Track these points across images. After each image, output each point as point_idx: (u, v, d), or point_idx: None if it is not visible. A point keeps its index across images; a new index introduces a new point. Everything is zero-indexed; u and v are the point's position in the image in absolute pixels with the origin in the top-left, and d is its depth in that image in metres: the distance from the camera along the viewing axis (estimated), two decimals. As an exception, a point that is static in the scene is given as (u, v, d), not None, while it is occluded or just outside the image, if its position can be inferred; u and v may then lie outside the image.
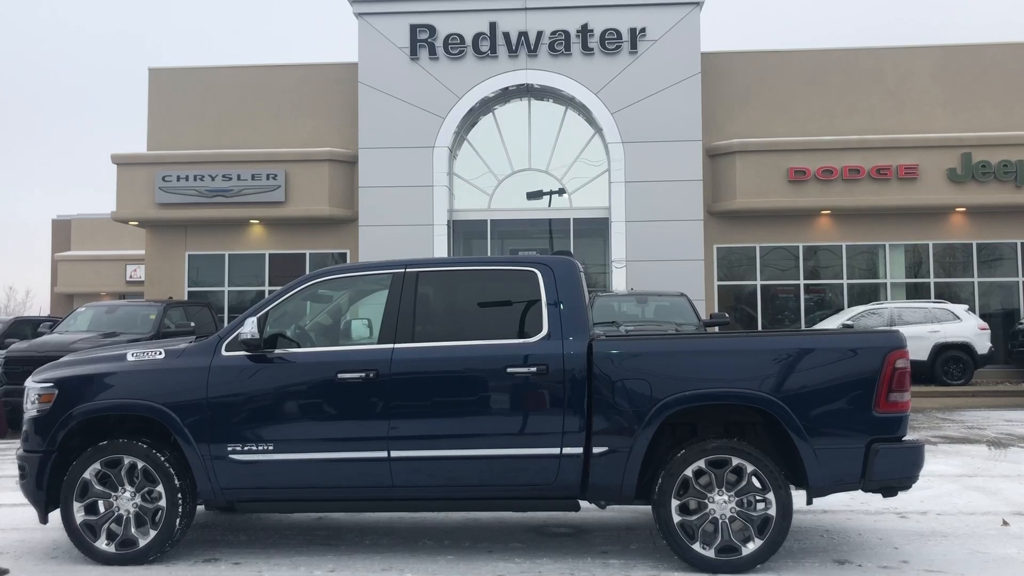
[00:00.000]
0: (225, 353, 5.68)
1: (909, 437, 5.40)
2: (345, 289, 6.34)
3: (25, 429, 5.81)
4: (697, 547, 5.27)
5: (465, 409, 5.50)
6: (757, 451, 5.31)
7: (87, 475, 5.58)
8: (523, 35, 20.25)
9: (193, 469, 5.58)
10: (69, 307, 30.97)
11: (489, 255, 19.89)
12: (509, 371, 5.45)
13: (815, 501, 5.63)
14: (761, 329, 19.96)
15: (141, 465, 5.57)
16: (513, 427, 5.46)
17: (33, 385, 5.83)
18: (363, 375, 5.50)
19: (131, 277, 32.70)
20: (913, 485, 5.44)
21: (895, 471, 5.30)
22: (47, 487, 5.63)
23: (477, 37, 20.30)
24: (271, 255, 21.45)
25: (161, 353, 5.80)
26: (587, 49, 20.14)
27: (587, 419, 5.38)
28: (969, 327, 17.86)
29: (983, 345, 17.79)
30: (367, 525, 6.67)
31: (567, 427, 5.38)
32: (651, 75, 19.94)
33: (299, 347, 5.77)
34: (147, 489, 5.58)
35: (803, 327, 20.10)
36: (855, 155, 19.78)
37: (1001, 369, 19.49)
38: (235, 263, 21.59)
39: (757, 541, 5.25)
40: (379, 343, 5.65)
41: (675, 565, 5.41)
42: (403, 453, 5.46)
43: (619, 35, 20.10)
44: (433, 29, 20.36)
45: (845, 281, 20.75)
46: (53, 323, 17.04)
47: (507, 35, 20.27)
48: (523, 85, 20.44)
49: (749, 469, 5.27)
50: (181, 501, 5.55)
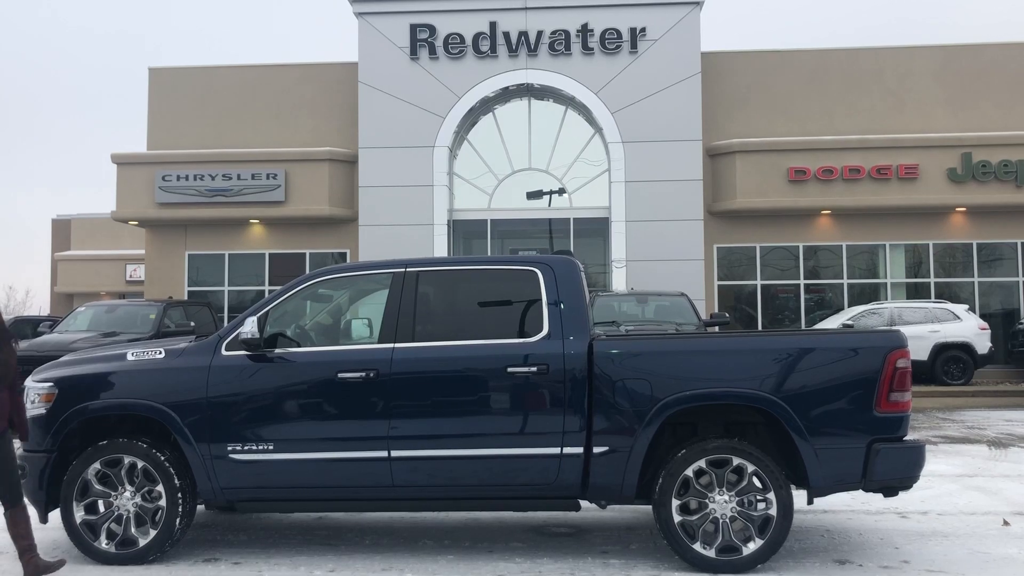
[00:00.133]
0: (225, 353, 5.68)
1: (910, 437, 5.40)
2: (345, 289, 6.33)
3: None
4: (698, 547, 5.27)
5: (465, 409, 5.50)
6: (758, 451, 5.31)
7: (87, 475, 5.58)
8: (523, 35, 20.25)
9: (193, 469, 5.58)
10: (69, 307, 30.95)
11: (489, 255, 19.87)
12: (509, 371, 5.44)
13: (816, 501, 5.63)
14: (761, 329, 19.95)
15: (141, 465, 5.56)
16: (513, 427, 5.45)
17: (33, 385, 5.83)
18: (363, 375, 5.49)
19: (131, 277, 32.68)
20: (914, 485, 5.44)
21: (896, 471, 5.29)
22: (47, 487, 5.63)
23: (477, 37, 20.29)
24: (271, 255, 21.44)
25: (161, 353, 5.79)
26: (587, 49, 20.13)
27: (587, 419, 5.38)
28: (969, 327, 17.85)
29: (983, 345, 17.78)
30: (367, 525, 6.67)
31: (567, 427, 5.38)
32: (651, 75, 19.93)
33: (299, 347, 5.76)
34: (147, 489, 5.58)
35: (803, 327, 20.10)
36: (855, 155, 19.77)
37: (1001, 369, 19.49)
38: (235, 263, 21.59)
39: (758, 541, 5.25)
40: (379, 343, 5.64)
41: (676, 565, 5.40)
42: (403, 453, 5.46)
43: (619, 35, 20.09)
44: (433, 29, 20.35)
45: (845, 281, 20.74)
46: (53, 323, 17.04)
47: (507, 35, 20.26)
48: (523, 85, 20.44)
49: (750, 469, 5.27)
50: (181, 501, 5.55)
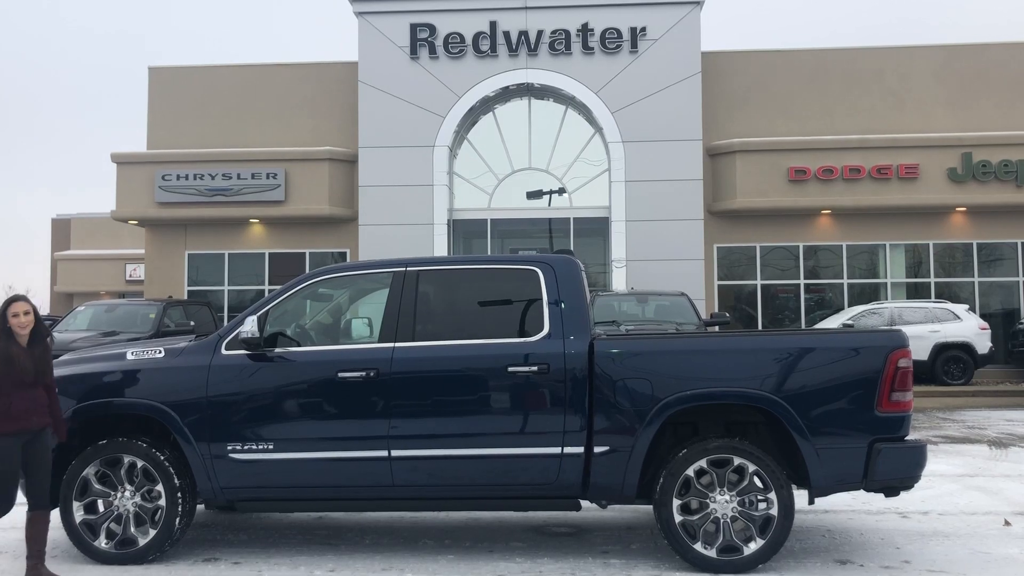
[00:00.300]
0: (225, 352, 5.66)
1: (911, 437, 5.38)
2: (345, 288, 6.32)
3: (24, 428, 5.78)
4: (699, 547, 5.26)
5: (466, 408, 5.48)
6: (759, 451, 5.30)
7: (87, 474, 5.57)
8: (523, 34, 20.23)
9: (193, 468, 5.57)
10: (69, 306, 30.94)
11: (489, 254, 19.84)
12: (510, 370, 5.43)
13: (816, 501, 5.61)
14: (761, 329, 19.93)
15: (141, 464, 5.55)
16: (514, 426, 5.44)
17: (32, 384, 5.80)
18: (364, 374, 5.48)
19: (131, 276, 32.68)
20: (915, 485, 5.43)
21: (897, 471, 5.28)
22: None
23: (477, 36, 20.27)
24: (271, 254, 21.42)
25: (161, 352, 5.78)
26: (587, 48, 20.11)
27: (588, 418, 5.37)
28: (969, 327, 17.83)
29: (983, 345, 17.76)
30: (367, 525, 6.65)
31: (568, 426, 5.37)
32: (651, 74, 19.91)
33: (299, 346, 5.75)
34: (147, 488, 5.57)
35: (803, 327, 20.08)
36: (855, 155, 19.76)
37: (1001, 369, 19.48)
38: (235, 262, 21.57)
39: (759, 541, 5.23)
40: (380, 342, 5.63)
41: (676, 565, 5.39)
42: (404, 452, 5.44)
43: (619, 34, 20.07)
44: (433, 28, 20.33)
45: (845, 281, 20.73)
46: (53, 322, 17.00)
47: (507, 34, 20.24)
48: (523, 84, 20.42)
49: (751, 469, 5.26)
50: (181, 500, 5.53)
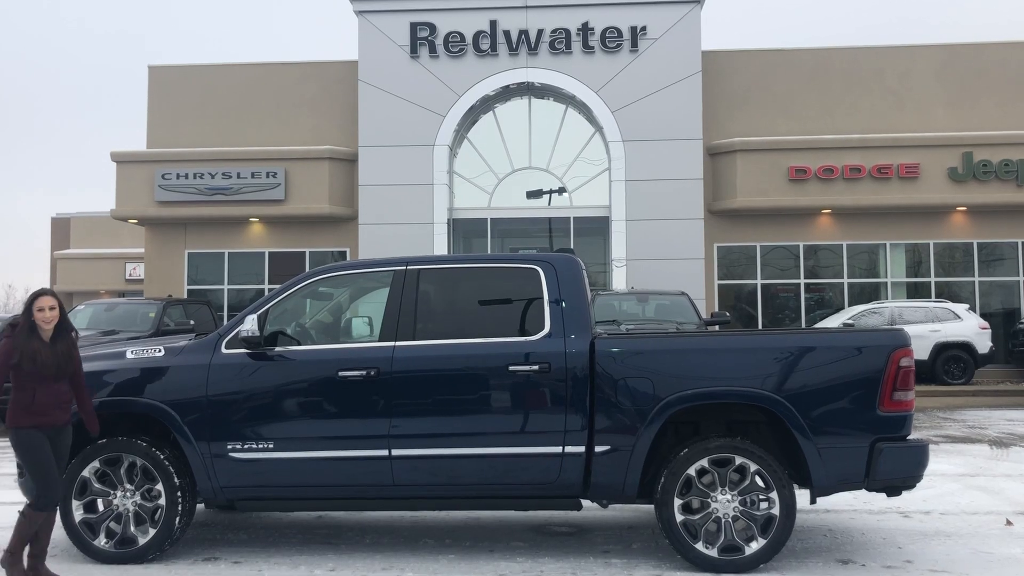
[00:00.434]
0: (225, 351, 5.65)
1: (913, 436, 5.37)
2: (346, 286, 6.30)
3: (24, 427, 5.76)
4: (700, 546, 5.24)
5: (467, 407, 5.47)
6: (760, 450, 5.28)
7: (86, 473, 5.55)
8: (523, 33, 20.21)
9: (193, 467, 5.55)
10: (68, 305, 30.89)
11: (490, 253, 19.83)
12: (511, 369, 5.41)
13: (817, 500, 5.59)
14: (762, 328, 19.91)
15: (140, 463, 5.54)
16: (515, 425, 5.42)
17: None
18: (364, 373, 5.46)
19: (130, 275, 32.66)
20: (917, 485, 5.41)
21: (899, 470, 5.26)
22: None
23: (477, 35, 20.25)
24: (271, 253, 21.40)
25: (160, 350, 5.76)
26: (588, 47, 20.09)
27: (589, 417, 5.35)
28: (970, 326, 17.82)
29: (984, 344, 17.75)
30: (368, 524, 6.64)
31: (569, 425, 5.35)
32: (652, 74, 19.89)
33: (299, 345, 5.73)
34: (146, 487, 5.55)
35: (803, 326, 20.06)
36: (856, 154, 19.74)
37: (1002, 368, 19.47)
38: (235, 261, 21.55)
39: (760, 540, 5.22)
40: (380, 341, 5.61)
41: (678, 564, 5.38)
42: (404, 451, 5.43)
43: (620, 33, 20.05)
44: (433, 27, 20.31)
45: (846, 280, 20.71)
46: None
47: (507, 33, 20.22)
48: (523, 83, 20.39)
49: (752, 468, 5.24)
50: (181, 499, 5.52)
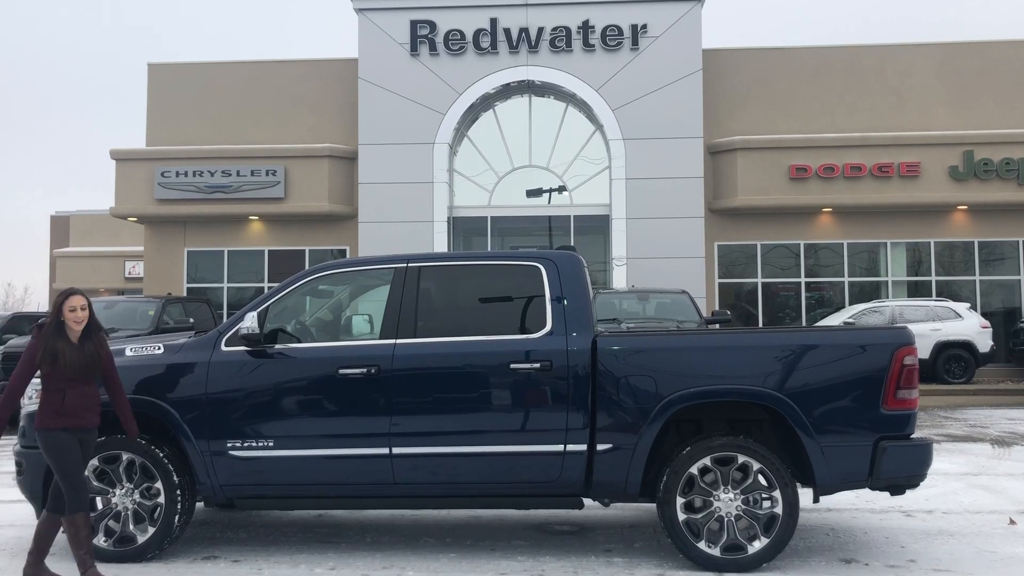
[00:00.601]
0: (225, 348, 5.62)
1: (916, 435, 5.34)
2: (346, 284, 6.27)
3: (22, 425, 5.74)
4: (702, 545, 5.21)
5: (467, 405, 5.44)
6: (763, 448, 5.25)
7: (84, 472, 5.50)
8: (524, 31, 20.17)
9: (192, 465, 5.52)
10: (67, 303, 30.80)
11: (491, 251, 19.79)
12: (512, 367, 5.38)
13: (820, 499, 5.56)
14: (763, 327, 19.88)
15: (140, 461, 5.51)
16: (516, 424, 5.39)
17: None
18: (364, 370, 5.43)
19: (130, 273, 32.63)
20: (921, 483, 5.39)
21: (903, 469, 5.24)
22: (44, 483, 5.55)
23: (478, 33, 20.21)
24: (270, 251, 21.36)
25: (160, 348, 5.73)
26: (588, 45, 20.05)
27: (591, 416, 5.32)
28: (971, 325, 17.78)
29: (985, 343, 17.72)
30: (368, 522, 6.61)
31: (571, 424, 5.32)
32: (652, 72, 19.84)
33: (300, 342, 5.71)
34: (145, 485, 5.52)
35: (804, 325, 20.02)
36: (857, 152, 19.71)
37: (1002, 368, 19.44)
38: (234, 259, 21.51)
39: (763, 539, 5.19)
40: (381, 338, 5.58)
41: (680, 564, 5.35)
42: (405, 450, 5.40)
43: (620, 31, 20.01)
44: (433, 25, 20.26)
45: (846, 279, 20.68)
46: (51, 319, 16.92)
47: (508, 31, 20.18)
48: (524, 81, 20.35)
49: (755, 467, 5.21)
50: (180, 498, 5.49)
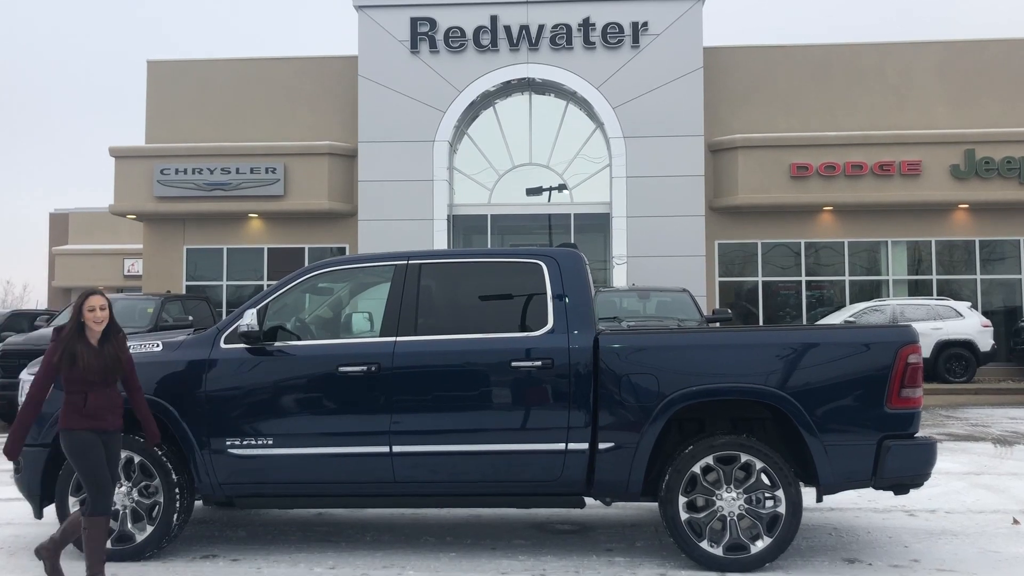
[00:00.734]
0: (224, 346, 5.58)
1: (920, 434, 5.30)
2: (346, 281, 6.24)
3: (19, 423, 5.69)
4: (705, 545, 5.17)
5: (468, 404, 5.40)
6: (766, 447, 5.21)
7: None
8: (524, 28, 20.12)
9: (191, 464, 5.48)
10: (66, 301, 30.83)
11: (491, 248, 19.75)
12: (513, 365, 5.34)
13: (823, 498, 5.52)
14: (765, 325, 19.84)
15: (138, 459, 5.47)
16: (517, 422, 5.35)
17: (28, 377, 5.72)
18: (365, 368, 5.39)
19: (129, 271, 32.58)
20: (925, 483, 5.35)
21: (907, 468, 5.20)
22: (42, 481, 5.53)
23: (478, 30, 20.16)
24: (270, 249, 21.32)
25: (158, 345, 5.70)
26: (589, 43, 20.00)
27: (593, 414, 5.28)
28: (972, 324, 17.75)
29: (986, 342, 17.69)
30: (368, 521, 6.57)
31: (572, 422, 5.28)
32: (653, 69, 19.80)
33: (299, 340, 5.67)
34: (144, 484, 5.48)
35: (805, 324, 19.99)
36: (858, 151, 19.67)
37: (1003, 367, 19.41)
38: (233, 257, 21.47)
39: (766, 539, 5.15)
40: (381, 336, 5.54)
41: (682, 563, 5.31)
42: (405, 448, 5.36)
43: (621, 29, 19.97)
44: (433, 22, 20.22)
45: (847, 278, 20.65)
46: (50, 316, 16.90)
47: (508, 28, 20.13)
48: (524, 79, 20.30)
49: (758, 466, 5.17)
50: (179, 496, 5.45)
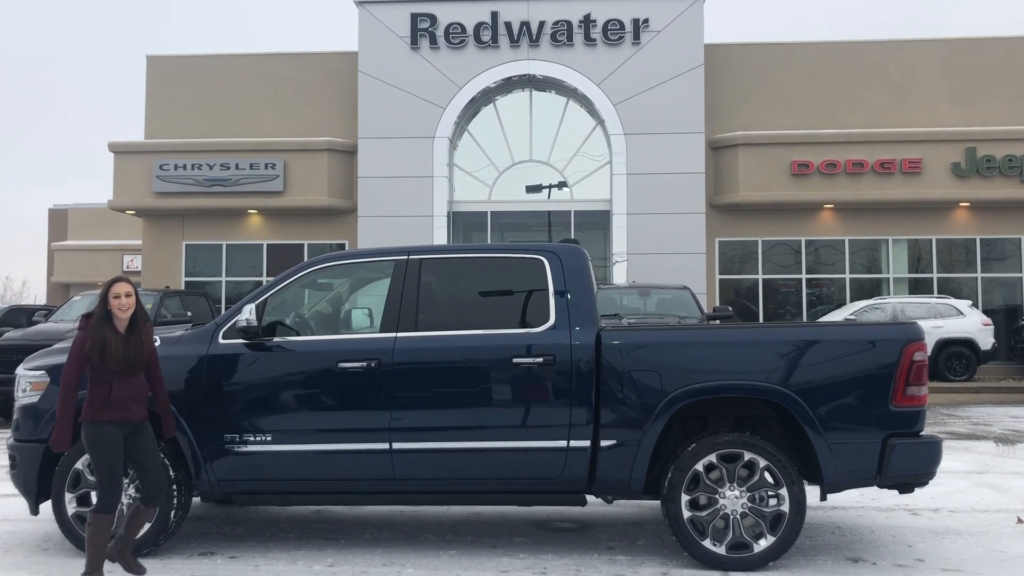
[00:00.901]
0: (222, 341, 5.53)
1: (926, 432, 5.25)
2: (346, 276, 6.19)
3: (16, 418, 5.66)
4: (707, 544, 5.12)
5: (469, 400, 5.35)
6: (770, 445, 5.16)
7: (79, 465, 5.42)
8: (525, 25, 20.05)
9: (188, 460, 5.43)
10: (65, 297, 30.75)
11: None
12: (515, 361, 5.29)
13: (827, 497, 5.47)
14: (766, 323, 19.79)
15: (135, 456, 5.40)
16: (518, 419, 5.30)
17: (24, 373, 5.68)
18: (364, 364, 5.34)
19: (128, 267, 32.54)
20: (930, 482, 5.30)
21: (912, 467, 5.15)
22: (38, 478, 5.48)
23: (478, 27, 20.09)
24: (269, 245, 21.26)
25: (156, 341, 5.63)
26: (589, 40, 19.94)
27: (595, 411, 5.23)
28: (972, 323, 17.71)
29: (986, 341, 17.64)
30: (367, 518, 6.52)
31: (574, 419, 5.23)
32: (654, 66, 19.74)
33: (298, 335, 5.62)
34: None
35: (808, 321, 19.95)
36: (859, 149, 19.62)
37: (1004, 365, 19.38)
38: (233, 253, 21.41)
39: (769, 538, 5.10)
40: (381, 332, 5.49)
41: (684, 562, 5.26)
42: (405, 445, 5.31)
43: (622, 26, 19.90)
44: (434, 18, 20.15)
45: (847, 276, 20.60)
46: (48, 312, 16.85)
47: (509, 25, 20.06)
48: (525, 75, 20.23)
49: (761, 464, 5.12)
50: (176, 493, 5.40)
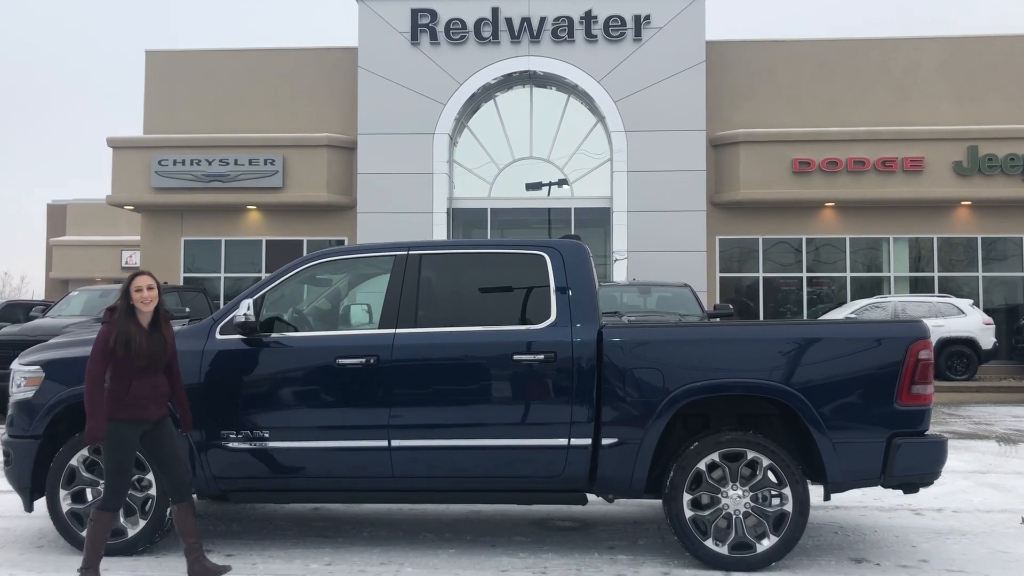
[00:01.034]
0: (219, 336, 5.47)
1: (931, 431, 5.19)
2: (345, 272, 6.12)
3: (10, 413, 5.60)
4: (710, 543, 5.07)
5: (469, 397, 5.29)
6: (773, 444, 5.10)
7: (74, 462, 5.38)
8: (526, 21, 19.97)
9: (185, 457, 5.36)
10: (63, 293, 30.67)
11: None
12: (515, 358, 5.23)
13: (831, 496, 5.41)
14: (769, 321, 19.74)
15: (131, 452, 5.34)
16: (519, 416, 5.24)
17: (19, 368, 5.62)
18: (363, 360, 5.28)
19: (127, 263, 32.43)
20: (935, 481, 5.24)
21: (917, 466, 5.09)
22: (33, 474, 5.42)
23: (479, 22, 20.01)
24: (268, 241, 21.19)
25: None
26: (590, 36, 19.86)
27: (596, 409, 5.17)
28: (974, 322, 17.65)
29: (987, 340, 17.58)
30: (365, 516, 6.47)
31: (575, 417, 5.17)
32: (655, 63, 19.67)
33: (296, 331, 5.55)
34: (137, 477, 5.35)
35: (811, 319, 19.90)
36: (860, 147, 19.56)
37: (1005, 364, 19.35)
38: (231, 249, 21.34)
39: (772, 538, 5.05)
40: (380, 328, 5.42)
41: (686, 562, 5.20)
42: (404, 442, 5.25)
43: (623, 22, 19.83)
44: (434, 14, 20.07)
45: (848, 274, 20.55)
46: (46, 307, 16.78)
47: (509, 21, 19.98)
48: (525, 72, 20.16)
49: (765, 463, 5.06)
50: (172, 490, 5.32)
